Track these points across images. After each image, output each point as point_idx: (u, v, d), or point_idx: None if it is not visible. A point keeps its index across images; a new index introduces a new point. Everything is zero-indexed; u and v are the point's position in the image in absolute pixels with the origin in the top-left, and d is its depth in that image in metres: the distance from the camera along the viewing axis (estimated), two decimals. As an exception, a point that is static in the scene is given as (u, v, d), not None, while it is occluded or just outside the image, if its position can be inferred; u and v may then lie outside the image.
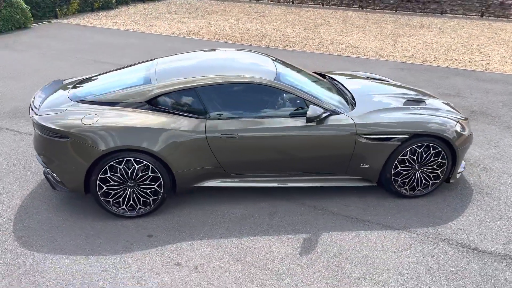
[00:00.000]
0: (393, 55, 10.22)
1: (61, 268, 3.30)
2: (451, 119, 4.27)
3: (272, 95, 3.99)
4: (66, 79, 4.71)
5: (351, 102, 4.35)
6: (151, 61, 4.55)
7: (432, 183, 4.27)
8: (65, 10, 14.28)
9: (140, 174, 3.73)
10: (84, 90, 4.12)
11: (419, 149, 4.08)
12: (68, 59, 9.10)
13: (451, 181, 4.35)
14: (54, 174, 3.82)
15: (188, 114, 3.87)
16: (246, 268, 3.36)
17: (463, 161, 4.68)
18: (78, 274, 3.25)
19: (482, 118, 6.44)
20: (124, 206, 3.84)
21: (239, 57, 4.59)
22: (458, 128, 4.21)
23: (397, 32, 13.06)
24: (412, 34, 12.80)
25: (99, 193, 3.74)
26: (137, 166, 3.70)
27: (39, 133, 3.77)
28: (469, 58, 10.12)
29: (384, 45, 11.30)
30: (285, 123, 3.92)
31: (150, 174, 3.75)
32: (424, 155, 4.11)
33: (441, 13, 16.68)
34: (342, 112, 4.05)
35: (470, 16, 16.38)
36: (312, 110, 3.81)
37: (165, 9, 16.39)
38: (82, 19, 13.91)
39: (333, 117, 3.99)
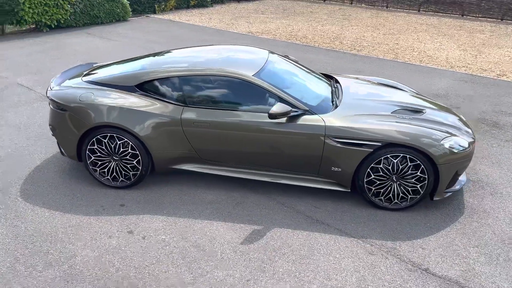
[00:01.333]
0: (466, 66, 9.41)
1: (39, 219, 3.91)
2: (441, 132, 3.99)
3: (250, 90, 4.14)
4: (96, 63, 5.40)
5: (337, 105, 4.29)
6: (161, 52, 5.01)
7: (410, 197, 4.04)
8: (163, 6, 15.70)
9: (121, 149, 4.19)
10: (96, 72, 4.73)
11: (395, 159, 3.90)
12: (143, 48, 10.10)
13: (434, 198, 4.06)
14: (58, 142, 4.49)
15: (168, 101, 4.22)
16: (185, 246, 3.62)
17: (466, 179, 4.32)
18: (49, 226, 3.82)
19: (528, 140, 5.73)
20: (108, 177, 4.34)
21: (234, 51, 4.80)
22: (447, 143, 3.91)
23: (488, 42, 11.89)
24: (505, 45, 11.55)
25: (88, 162, 4.30)
26: (118, 142, 4.17)
27: (50, 106, 4.45)
28: (559, 75, 8.88)
29: (464, 55, 10.43)
30: (256, 118, 4.05)
31: (130, 150, 4.19)
32: (401, 167, 3.92)
33: (557, 25, 14.68)
34: (315, 112, 4.05)
35: None
36: (278, 107, 3.88)
37: (255, 9, 17.03)
38: (175, 15, 15.17)
39: (305, 116, 4.01)
